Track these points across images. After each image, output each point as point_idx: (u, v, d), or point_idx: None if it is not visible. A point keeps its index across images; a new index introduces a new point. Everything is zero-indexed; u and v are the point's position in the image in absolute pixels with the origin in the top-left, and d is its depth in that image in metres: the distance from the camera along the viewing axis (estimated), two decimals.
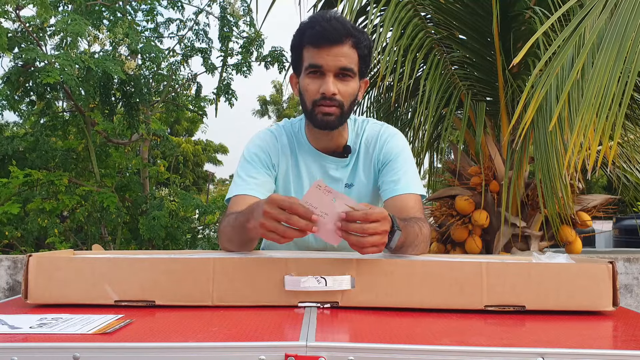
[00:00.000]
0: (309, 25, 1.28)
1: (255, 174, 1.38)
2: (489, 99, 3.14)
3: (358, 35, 1.28)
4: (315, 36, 1.26)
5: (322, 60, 1.26)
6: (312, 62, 1.28)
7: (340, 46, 1.26)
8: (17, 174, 4.19)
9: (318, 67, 1.27)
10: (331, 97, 1.28)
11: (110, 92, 4.42)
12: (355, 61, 1.29)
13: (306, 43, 1.28)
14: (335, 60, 1.26)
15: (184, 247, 4.59)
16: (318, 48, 1.26)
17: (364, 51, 1.30)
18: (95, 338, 0.73)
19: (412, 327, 0.83)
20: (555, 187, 2.33)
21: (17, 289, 2.80)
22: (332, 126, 1.33)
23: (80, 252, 1.21)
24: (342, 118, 1.33)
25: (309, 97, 1.31)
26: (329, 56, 1.26)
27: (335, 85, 1.28)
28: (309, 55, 1.28)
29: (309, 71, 1.29)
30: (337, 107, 1.30)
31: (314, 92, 1.29)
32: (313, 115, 1.32)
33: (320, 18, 1.27)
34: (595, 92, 1.70)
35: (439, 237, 3.10)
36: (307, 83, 1.30)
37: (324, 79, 1.28)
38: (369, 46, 1.32)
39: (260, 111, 24.97)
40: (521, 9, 2.87)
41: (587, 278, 0.95)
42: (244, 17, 4.98)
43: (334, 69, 1.27)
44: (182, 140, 15.46)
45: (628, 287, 2.86)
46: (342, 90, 1.29)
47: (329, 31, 1.24)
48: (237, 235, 1.19)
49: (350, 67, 1.28)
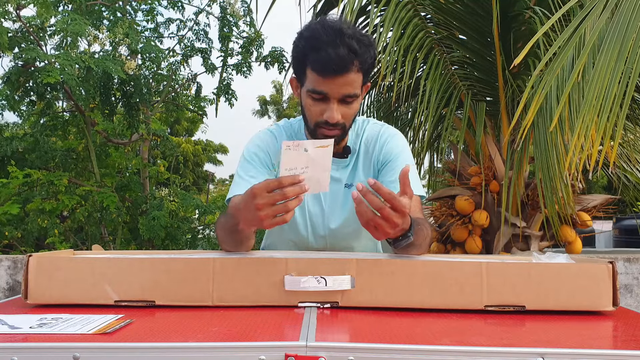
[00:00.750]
0: (313, 46, 1.20)
1: (255, 174, 1.38)
2: (489, 99, 3.14)
3: (364, 54, 1.21)
4: (319, 63, 1.20)
5: (327, 88, 1.22)
6: (316, 88, 1.23)
7: (346, 75, 1.20)
8: (16, 174, 4.19)
9: (322, 93, 1.24)
10: (335, 123, 1.26)
11: (110, 92, 4.42)
12: (360, 83, 1.26)
13: (310, 66, 1.23)
14: (340, 88, 1.22)
15: (184, 247, 4.59)
16: (322, 76, 1.21)
17: (368, 64, 1.25)
18: (95, 338, 0.73)
19: (412, 327, 0.83)
20: (555, 187, 2.33)
21: (17, 289, 2.80)
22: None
23: (80, 252, 1.21)
24: (343, 136, 1.34)
25: (311, 117, 1.30)
26: (334, 85, 1.21)
27: (339, 112, 1.25)
28: (313, 79, 1.23)
29: (312, 96, 1.26)
30: (339, 130, 1.29)
31: (316, 114, 1.27)
32: (315, 134, 1.31)
33: (325, 38, 1.19)
34: (596, 93, 1.70)
35: (439, 237, 3.10)
36: (310, 104, 1.27)
37: (327, 104, 1.25)
38: (374, 56, 1.27)
39: (260, 111, 24.98)
40: (521, 9, 2.87)
41: (587, 278, 0.95)
42: (244, 17, 4.98)
43: (338, 95, 1.24)
44: (182, 140, 15.45)
45: (628, 287, 2.86)
46: (345, 114, 1.27)
47: (335, 61, 1.18)
48: (230, 237, 1.19)
49: (354, 92, 1.25)
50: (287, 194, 0.94)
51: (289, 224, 1.47)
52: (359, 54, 1.20)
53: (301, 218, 1.45)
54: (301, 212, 1.45)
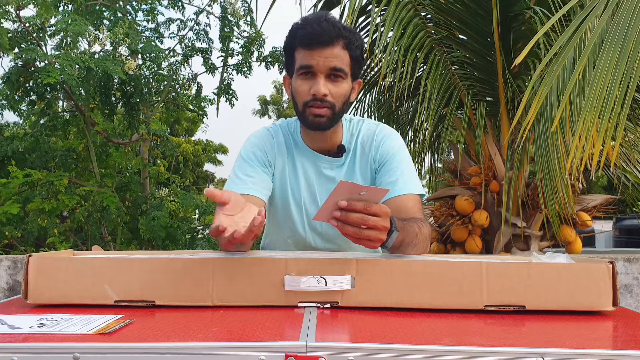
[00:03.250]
0: (301, 27, 1.29)
1: (252, 172, 1.38)
2: (489, 99, 3.14)
3: (349, 36, 1.28)
4: (306, 37, 1.27)
5: (313, 60, 1.27)
6: (303, 62, 1.28)
7: (332, 47, 1.26)
8: (16, 174, 4.19)
9: (309, 67, 1.28)
10: (322, 98, 1.28)
11: (110, 92, 4.42)
12: (347, 62, 1.30)
13: (298, 44, 1.29)
14: (326, 61, 1.27)
15: (184, 248, 4.59)
16: (309, 49, 1.27)
17: (356, 52, 1.31)
18: (95, 338, 0.73)
19: (412, 327, 0.83)
20: (555, 187, 2.33)
21: (17, 289, 2.80)
22: (323, 127, 1.33)
23: (80, 252, 1.21)
24: (334, 119, 1.33)
25: (300, 98, 1.32)
26: (320, 57, 1.26)
27: (326, 86, 1.28)
28: (301, 56, 1.29)
29: (300, 72, 1.30)
30: (328, 108, 1.30)
31: (304, 93, 1.30)
32: (304, 117, 1.32)
33: (312, 19, 1.28)
34: (597, 94, 1.70)
35: (439, 237, 3.10)
36: (299, 84, 1.31)
37: (315, 79, 1.28)
38: (362, 47, 1.32)
39: (260, 111, 24.98)
40: (521, 9, 2.87)
41: (587, 278, 0.95)
42: (244, 17, 4.98)
43: (324, 69, 1.27)
44: (182, 140, 15.44)
45: (628, 287, 2.86)
46: (333, 91, 1.29)
47: (320, 33, 1.25)
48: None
49: (341, 67, 1.28)
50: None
51: (287, 223, 1.48)
52: (343, 32, 1.27)
53: (299, 217, 1.46)
54: (299, 211, 1.45)
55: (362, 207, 0.94)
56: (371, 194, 0.95)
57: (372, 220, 0.95)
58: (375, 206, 0.95)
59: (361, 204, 0.94)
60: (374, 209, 0.95)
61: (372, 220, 0.95)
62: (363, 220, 0.94)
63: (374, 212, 0.95)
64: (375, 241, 0.98)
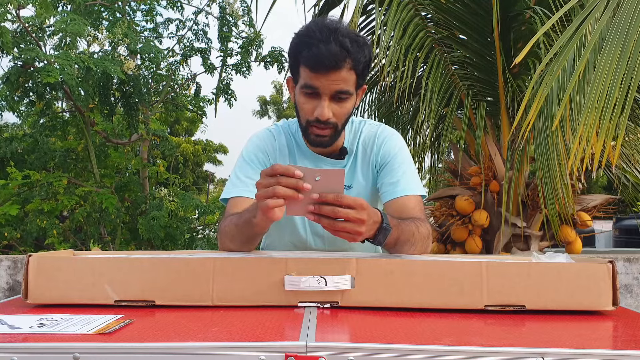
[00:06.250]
0: (306, 43, 1.21)
1: (253, 175, 1.37)
2: (489, 99, 3.14)
3: (357, 54, 1.21)
4: (311, 59, 1.20)
5: (318, 82, 1.22)
6: (308, 82, 1.23)
7: (338, 71, 1.20)
8: (15, 175, 4.19)
9: (314, 88, 1.23)
10: (325, 121, 1.26)
11: (109, 92, 4.42)
12: (353, 82, 1.25)
13: (302, 63, 1.23)
14: (332, 84, 1.22)
15: (182, 248, 4.59)
16: (314, 72, 1.21)
17: (363, 66, 1.25)
18: (95, 338, 0.73)
19: (412, 327, 0.83)
20: (555, 187, 2.33)
21: (17, 289, 2.79)
22: (325, 145, 1.32)
23: (80, 252, 1.21)
24: (336, 136, 1.32)
25: (303, 115, 1.29)
26: (326, 80, 1.21)
27: (330, 108, 1.24)
28: (305, 75, 1.23)
29: (304, 91, 1.25)
30: (331, 129, 1.28)
31: (308, 112, 1.27)
32: (307, 133, 1.31)
33: (319, 35, 1.19)
34: (598, 94, 1.70)
35: (439, 237, 3.10)
36: (302, 101, 1.27)
37: (319, 101, 1.24)
38: (369, 58, 1.27)
39: (260, 111, 25.00)
40: (521, 9, 2.87)
41: (587, 278, 0.94)
42: (243, 17, 4.98)
43: (329, 92, 1.23)
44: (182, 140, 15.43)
45: (628, 287, 2.86)
46: (337, 112, 1.26)
47: (326, 57, 1.18)
48: (240, 232, 1.19)
49: (346, 89, 1.24)
50: (280, 182, 0.94)
51: (288, 226, 1.47)
52: (351, 52, 1.20)
53: (300, 219, 1.45)
54: None
55: (333, 199, 0.94)
56: (327, 176, 0.94)
57: (343, 212, 0.94)
58: (348, 198, 0.94)
59: (332, 195, 0.94)
60: (346, 201, 0.94)
61: (342, 212, 0.94)
62: (334, 213, 0.94)
63: (346, 203, 0.94)
64: (353, 234, 0.97)
